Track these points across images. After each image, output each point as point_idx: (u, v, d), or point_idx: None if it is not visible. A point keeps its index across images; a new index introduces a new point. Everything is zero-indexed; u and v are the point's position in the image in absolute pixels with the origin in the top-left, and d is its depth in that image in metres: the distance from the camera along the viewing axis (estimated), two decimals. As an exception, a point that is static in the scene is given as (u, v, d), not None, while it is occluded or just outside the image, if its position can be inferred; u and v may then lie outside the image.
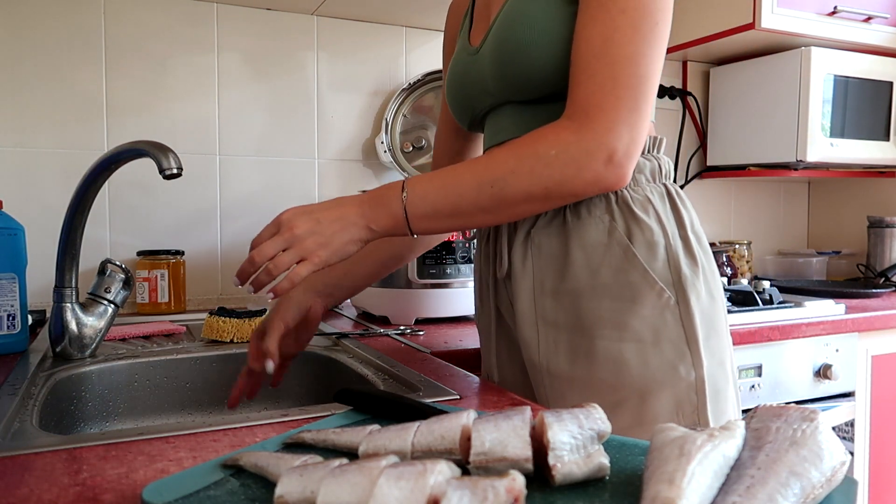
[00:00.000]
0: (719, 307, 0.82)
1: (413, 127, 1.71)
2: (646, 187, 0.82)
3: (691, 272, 0.79)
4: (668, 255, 0.79)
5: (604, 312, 0.79)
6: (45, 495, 0.50)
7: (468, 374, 0.90)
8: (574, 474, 0.44)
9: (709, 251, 0.83)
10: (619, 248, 0.79)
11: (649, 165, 0.82)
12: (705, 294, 0.80)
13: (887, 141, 1.94)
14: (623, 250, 0.79)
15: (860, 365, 1.51)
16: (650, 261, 0.78)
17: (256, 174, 1.59)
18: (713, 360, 0.79)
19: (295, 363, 1.11)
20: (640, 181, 0.82)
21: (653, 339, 0.77)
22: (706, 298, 0.80)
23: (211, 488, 0.46)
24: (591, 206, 0.80)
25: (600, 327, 0.79)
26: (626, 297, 0.78)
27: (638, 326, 0.78)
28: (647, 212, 0.80)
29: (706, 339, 0.78)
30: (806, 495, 0.38)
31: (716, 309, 0.81)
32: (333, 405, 0.72)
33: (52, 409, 0.87)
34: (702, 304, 0.79)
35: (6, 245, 1.01)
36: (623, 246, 0.79)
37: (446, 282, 1.32)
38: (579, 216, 0.80)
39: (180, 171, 0.90)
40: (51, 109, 1.42)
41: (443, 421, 0.49)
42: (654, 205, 0.81)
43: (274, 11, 1.59)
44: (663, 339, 0.77)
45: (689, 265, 0.79)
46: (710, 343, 0.79)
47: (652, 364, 0.77)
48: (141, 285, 1.44)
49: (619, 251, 0.79)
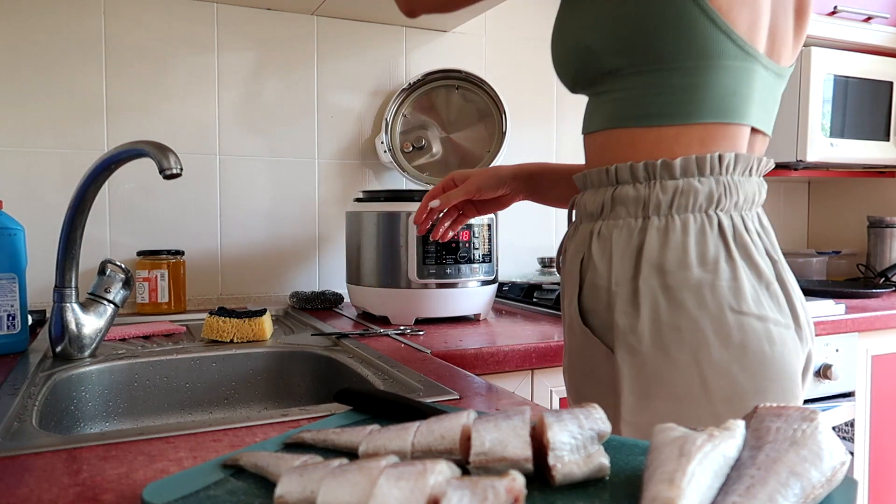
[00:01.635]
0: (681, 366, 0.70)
1: (413, 127, 1.71)
2: (622, 222, 0.74)
3: (628, 323, 0.72)
4: (609, 300, 0.74)
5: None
6: (45, 495, 0.50)
7: (468, 374, 0.90)
8: (574, 474, 0.44)
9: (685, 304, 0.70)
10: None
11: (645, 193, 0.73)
12: (649, 348, 0.70)
13: (887, 141, 1.94)
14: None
15: (860, 365, 1.51)
16: (593, 304, 0.76)
17: (256, 174, 1.59)
18: (644, 417, 0.71)
19: (295, 363, 1.11)
20: (621, 213, 0.74)
21: (593, 378, 0.77)
22: (650, 352, 0.71)
23: (211, 488, 0.46)
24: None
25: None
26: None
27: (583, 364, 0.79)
28: (604, 250, 0.75)
29: (641, 395, 0.71)
30: (806, 495, 0.38)
31: (671, 366, 0.70)
32: (333, 405, 0.72)
33: (52, 409, 0.87)
34: (640, 358, 0.71)
35: (6, 245, 1.01)
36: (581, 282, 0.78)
37: (446, 282, 1.32)
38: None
39: (180, 171, 0.90)
40: (51, 109, 1.42)
41: (443, 421, 0.49)
42: (613, 242, 0.74)
43: (274, 11, 1.59)
44: (601, 380, 0.75)
45: (627, 314, 0.72)
46: (646, 401, 0.71)
47: (588, 396, 0.78)
48: (141, 285, 1.44)
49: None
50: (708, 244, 0.70)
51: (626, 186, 0.73)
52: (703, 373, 0.69)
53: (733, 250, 0.70)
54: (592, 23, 0.74)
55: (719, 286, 0.69)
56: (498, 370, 1.10)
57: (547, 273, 1.74)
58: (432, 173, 1.70)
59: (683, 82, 0.70)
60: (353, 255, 1.41)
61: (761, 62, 0.73)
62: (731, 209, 0.72)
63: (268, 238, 1.61)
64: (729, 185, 0.71)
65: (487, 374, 1.08)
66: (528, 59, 1.86)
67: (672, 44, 0.69)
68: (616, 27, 0.72)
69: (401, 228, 1.31)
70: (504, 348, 1.11)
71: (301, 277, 1.64)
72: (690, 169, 0.71)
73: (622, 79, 0.73)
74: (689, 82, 0.70)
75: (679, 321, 0.69)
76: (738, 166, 0.72)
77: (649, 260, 0.71)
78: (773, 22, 0.75)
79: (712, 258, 0.70)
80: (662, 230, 0.71)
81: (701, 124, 0.71)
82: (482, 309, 1.39)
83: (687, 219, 0.71)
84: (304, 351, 1.11)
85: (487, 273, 1.37)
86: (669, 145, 0.71)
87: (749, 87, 0.72)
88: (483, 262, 1.36)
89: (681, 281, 0.69)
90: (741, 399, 0.69)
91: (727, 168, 0.71)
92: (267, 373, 1.11)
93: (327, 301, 1.52)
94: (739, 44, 0.70)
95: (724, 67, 0.70)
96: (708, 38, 0.69)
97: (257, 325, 1.16)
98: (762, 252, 0.73)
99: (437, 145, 1.72)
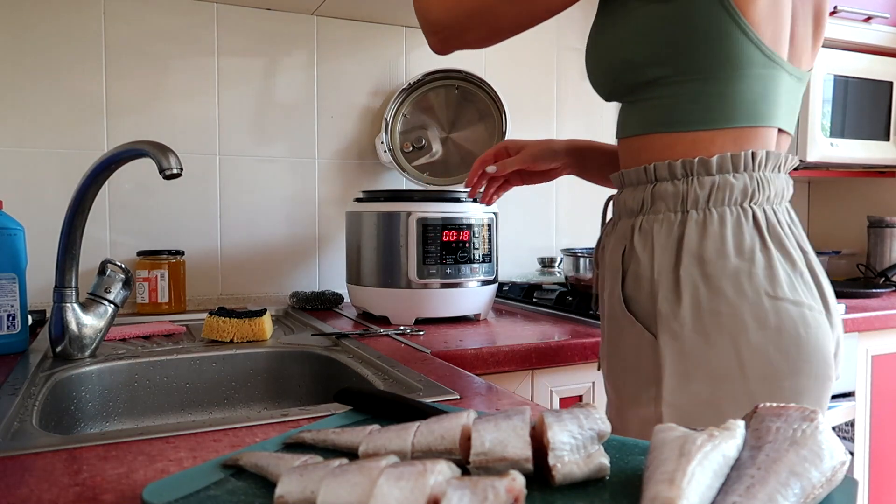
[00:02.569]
0: (720, 348, 0.75)
1: (413, 127, 1.71)
2: (662, 216, 0.79)
3: (670, 309, 0.76)
4: (651, 288, 0.78)
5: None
6: (45, 495, 0.50)
7: (468, 374, 0.90)
8: (574, 474, 0.44)
9: (724, 291, 0.75)
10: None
11: (682, 188, 0.78)
12: (690, 332, 0.75)
13: (887, 141, 1.94)
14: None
15: (860, 365, 1.51)
16: (636, 293, 0.81)
17: (256, 174, 1.59)
18: (684, 398, 0.75)
19: (295, 363, 1.11)
20: (661, 208, 0.79)
21: (634, 364, 0.80)
22: (691, 337, 0.75)
23: (211, 488, 0.46)
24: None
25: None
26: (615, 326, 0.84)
27: (623, 351, 0.82)
28: (645, 243, 0.80)
29: (682, 376, 0.75)
30: (806, 495, 0.38)
31: (710, 349, 0.75)
32: (333, 405, 0.72)
33: (52, 409, 0.87)
34: (682, 342, 0.75)
35: (6, 245, 1.01)
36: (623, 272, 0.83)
37: (446, 282, 1.32)
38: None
39: (180, 171, 0.90)
40: (51, 109, 1.42)
41: (443, 421, 0.49)
42: (654, 234, 0.79)
43: (274, 11, 1.59)
44: (641, 366, 0.79)
45: (670, 301, 0.77)
46: (686, 382, 0.75)
47: (628, 381, 0.82)
48: (141, 285, 1.44)
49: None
50: (744, 235, 0.75)
51: (664, 183, 0.79)
52: (740, 355, 0.73)
53: (768, 240, 0.76)
54: (632, 38, 0.79)
55: (755, 273, 0.74)
56: (498, 370, 1.10)
57: (547, 273, 1.74)
58: (432, 173, 1.70)
59: (718, 90, 0.76)
60: (353, 255, 1.41)
61: (785, 68, 0.78)
62: (763, 203, 0.77)
63: (268, 238, 1.61)
64: (761, 180, 0.77)
65: (487, 374, 1.08)
66: (528, 59, 1.86)
67: (709, 56, 0.75)
68: (656, 42, 0.77)
69: (401, 228, 1.31)
70: (504, 348, 1.11)
71: (301, 277, 1.64)
72: (726, 166, 0.76)
73: (660, 88, 0.79)
74: (723, 90, 0.76)
75: (719, 307, 0.74)
76: (769, 163, 0.78)
77: (689, 250, 0.76)
78: (794, 30, 0.80)
79: (748, 248, 0.75)
80: (701, 223, 0.76)
81: (734, 128, 0.77)
82: (482, 309, 1.39)
83: (724, 212, 0.76)
84: (304, 351, 1.11)
85: (487, 273, 1.37)
86: (706, 147, 0.77)
87: (775, 91, 0.78)
88: (483, 262, 1.36)
89: (719, 269, 0.74)
90: (777, 379, 0.74)
91: (759, 165, 0.77)
92: (267, 373, 1.11)
93: (327, 301, 1.52)
94: (767, 53, 0.76)
95: (754, 76, 0.76)
96: (741, 49, 0.75)
97: (257, 325, 1.16)
98: (794, 243, 0.78)
99: (437, 145, 1.72)
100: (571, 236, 1.93)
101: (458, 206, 1.33)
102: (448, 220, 1.31)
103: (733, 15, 0.73)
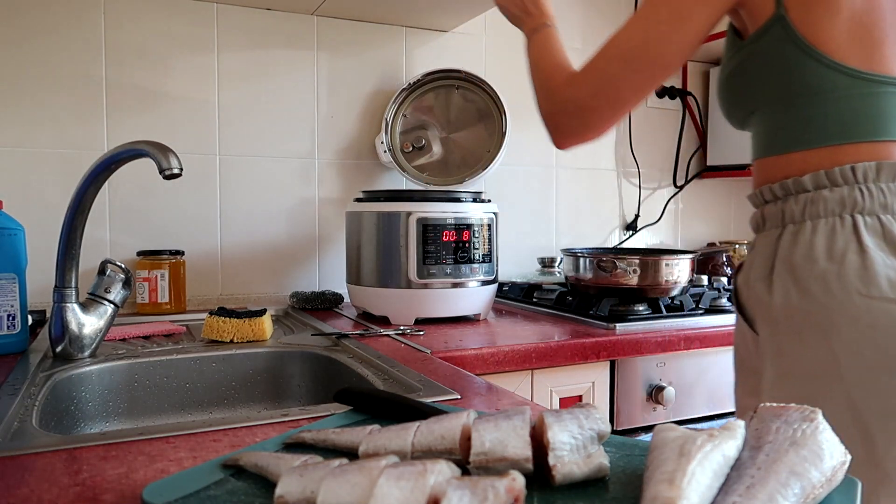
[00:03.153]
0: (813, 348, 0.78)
1: (413, 127, 1.71)
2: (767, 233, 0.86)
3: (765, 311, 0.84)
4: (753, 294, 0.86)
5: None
6: (45, 495, 0.50)
7: (468, 374, 0.90)
8: (574, 474, 0.44)
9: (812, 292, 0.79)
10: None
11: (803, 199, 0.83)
12: (784, 332, 0.82)
13: None
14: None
15: None
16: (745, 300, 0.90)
17: (256, 174, 1.59)
18: (780, 395, 0.81)
19: (295, 363, 1.11)
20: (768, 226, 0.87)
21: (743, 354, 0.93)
22: (786, 336, 0.81)
23: (211, 488, 0.46)
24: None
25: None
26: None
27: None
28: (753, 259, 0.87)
29: (779, 375, 0.82)
30: (806, 495, 0.38)
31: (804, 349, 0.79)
32: (333, 405, 0.72)
33: (52, 409, 0.87)
34: (779, 340, 0.82)
35: (6, 245, 1.01)
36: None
37: (446, 282, 1.32)
38: None
39: (180, 171, 0.90)
40: (51, 109, 1.42)
41: (443, 421, 0.49)
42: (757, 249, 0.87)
43: (274, 11, 1.59)
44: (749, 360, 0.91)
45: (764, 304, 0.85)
46: (783, 381, 0.82)
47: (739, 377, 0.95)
48: (141, 285, 1.44)
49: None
50: (836, 240, 0.79)
51: (769, 205, 0.87)
52: (834, 354, 0.77)
53: (866, 243, 0.78)
54: (731, 77, 0.90)
55: (845, 274, 0.77)
56: (498, 370, 1.10)
57: (547, 273, 1.74)
58: (432, 173, 1.70)
59: (800, 114, 0.83)
60: (353, 255, 1.41)
61: (888, 81, 0.81)
62: (875, 211, 0.80)
63: (268, 238, 1.61)
64: (865, 191, 0.80)
65: (487, 374, 1.08)
66: (528, 59, 1.86)
67: (785, 87, 0.83)
68: (746, 79, 0.87)
69: (401, 228, 1.31)
70: (504, 348, 1.11)
71: (301, 277, 1.64)
72: (820, 182, 0.81)
73: (757, 117, 0.88)
74: (805, 114, 0.82)
75: (809, 307, 0.79)
76: (883, 174, 0.80)
77: (781, 258, 0.83)
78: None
79: (839, 251, 0.78)
80: (794, 233, 0.83)
81: (829, 147, 0.82)
82: (482, 309, 1.39)
83: (818, 222, 0.81)
84: (303, 351, 1.11)
85: (487, 273, 1.37)
86: (799, 167, 0.83)
87: (876, 107, 0.81)
88: (483, 262, 1.36)
89: (807, 272, 0.79)
90: (874, 377, 0.75)
91: (865, 177, 0.80)
92: (267, 373, 1.11)
93: (327, 301, 1.52)
94: (854, 75, 0.80)
95: (840, 98, 0.80)
96: (817, 75, 0.80)
97: (257, 325, 1.16)
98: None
99: (437, 145, 1.72)
100: (571, 236, 1.93)
101: (458, 206, 1.33)
102: (448, 220, 1.31)
103: (803, 48, 0.79)
